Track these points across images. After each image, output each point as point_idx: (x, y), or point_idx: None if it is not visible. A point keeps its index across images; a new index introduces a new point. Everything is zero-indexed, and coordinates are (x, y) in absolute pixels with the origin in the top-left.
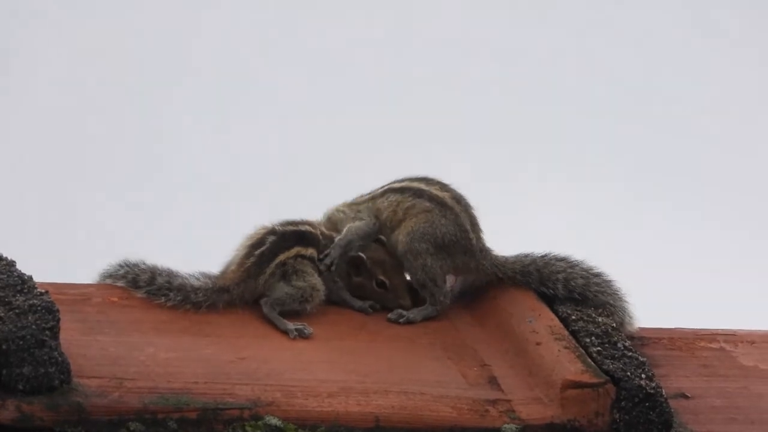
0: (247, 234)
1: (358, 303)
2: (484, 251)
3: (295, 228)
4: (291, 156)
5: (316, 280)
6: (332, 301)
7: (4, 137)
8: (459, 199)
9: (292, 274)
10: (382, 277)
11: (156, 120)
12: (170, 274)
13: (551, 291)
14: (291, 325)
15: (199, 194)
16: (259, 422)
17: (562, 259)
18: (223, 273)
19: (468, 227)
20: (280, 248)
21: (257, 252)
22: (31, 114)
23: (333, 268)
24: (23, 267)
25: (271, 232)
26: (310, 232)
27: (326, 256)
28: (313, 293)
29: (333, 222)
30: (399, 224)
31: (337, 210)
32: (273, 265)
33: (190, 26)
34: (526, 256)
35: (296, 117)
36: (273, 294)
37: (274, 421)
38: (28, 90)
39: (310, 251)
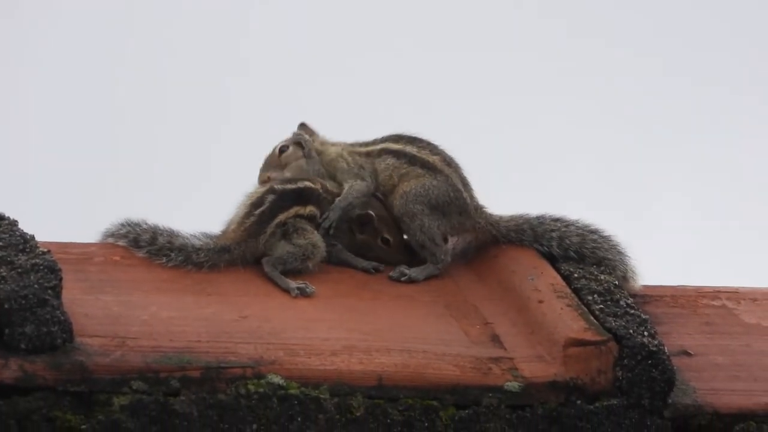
0: (246, 192)
1: (362, 263)
2: (479, 209)
3: (293, 186)
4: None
5: (317, 238)
6: (334, 264)
7: (6, 97)
8: (449, 162)
9: (292, 233)
10: (386, 235)
11: (159, 75)
12: (171, 234)
13: (546, 248)
14: (293, 284)
15: (200, 151)
16: (262, 381)
17: (557, 219)
18: (225, 232)
19: (460, 187)
20: (279, 208)
21: (257, 212)
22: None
23: (331, 231)
24: (25, 226)
25: (270, 191)
26: (309, 188)
27: (325, 219)
28: (314, 251)
29: (332, 166)
30: (393, 189)
31: (340, 156)
32: (273, 224)
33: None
34: (521, 216)
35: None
36: (274, 253)
37: (277, 379)
38: (27, 47)
39: (309, 209)
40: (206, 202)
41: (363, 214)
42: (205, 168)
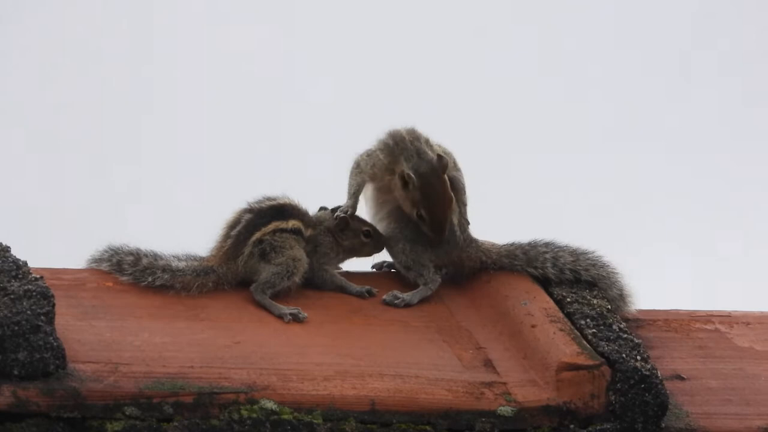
0: (226, 217)
1: (356, 288)
2: (468, 240)
3: (272, 203)
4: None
5: (296, 251)
6: (329, 290)
7: None
8: (456, 186)
9: (270, 252)
10: (365, 228)
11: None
12: (155, 256)
13: (540, 271)
14: (286, 309)
15: (192, 174)
16: (255, 406)
17: (548, 243)
18: (209, 254)
19: (456, 221)
20: (255, 226)
21: (233, 233)
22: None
23: (349, 212)
24: (18, 253)
25: (248, 210)
26: (289, 204)
27: (338, 208)
28: (296, 264)
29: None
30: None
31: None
32: (249, 243)
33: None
34: (512, 243)
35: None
36: (260, 278)
37: (270, 404)
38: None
39: (292, 223)
40: (198, 226)
41: (340, 219)
42: (196, 190)
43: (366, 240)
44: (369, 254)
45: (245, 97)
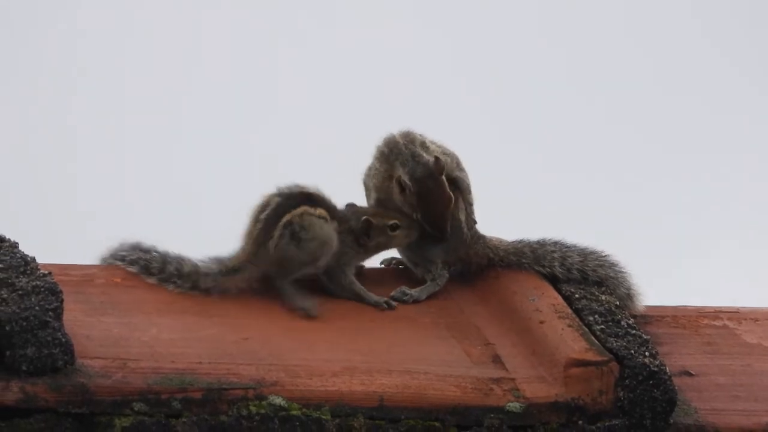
0: (254, 202)
1: (374, 298)
2: (476, 237)
3: (301, 189)
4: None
5: (326, 230)
6: (345, 297)
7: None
8: (461, 186)
9: (300, 231)
10: (390, 222)
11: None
12: (180, 261)
13: (548, 269)
14: (299, 302)
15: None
16: (263, 402)
17: (556, 242)
18: (236, 252)
19: (462, 218)
20: (285, 208)
21: (263, 216)
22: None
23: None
24: (26, 248)
25: (276, 194)
26: (318, 195)
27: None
28: (323, 248)
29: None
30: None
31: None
32: (280, 225)
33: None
34: (521, 240)
35: None
36: (286, 261)
37: (278, 400)
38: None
39: (319, 211)
40: (207, 224)
41: (363, 222)
42: (204, 188)
43: (394, 233)
44: (401, 244)
45: (246, 96)
